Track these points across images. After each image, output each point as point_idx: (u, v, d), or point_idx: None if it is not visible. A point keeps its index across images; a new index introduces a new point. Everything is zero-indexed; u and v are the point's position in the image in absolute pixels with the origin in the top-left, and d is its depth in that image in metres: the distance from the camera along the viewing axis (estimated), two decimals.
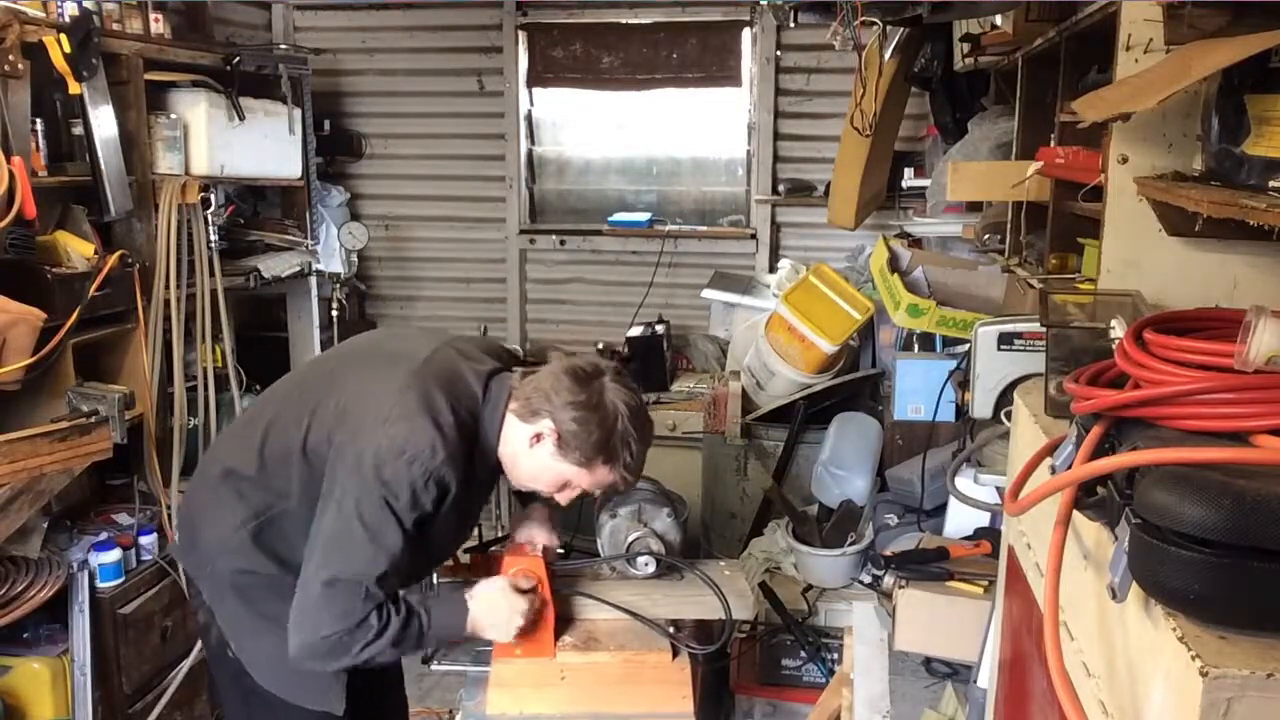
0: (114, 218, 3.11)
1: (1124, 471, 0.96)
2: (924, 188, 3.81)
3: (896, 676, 2.26)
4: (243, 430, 2.02)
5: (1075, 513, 1.04)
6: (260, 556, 1.89)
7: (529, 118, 4.97)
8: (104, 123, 3.04)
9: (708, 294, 4.43)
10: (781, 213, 4.75)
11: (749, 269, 4.70)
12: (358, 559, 1.74)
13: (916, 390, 3.11)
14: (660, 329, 4.37)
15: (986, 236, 2.93)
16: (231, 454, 1.97)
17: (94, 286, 2.88)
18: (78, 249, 2.94)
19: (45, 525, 2.90)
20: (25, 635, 2.89)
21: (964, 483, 1.97)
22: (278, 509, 1.88)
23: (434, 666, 2.67)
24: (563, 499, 1.96)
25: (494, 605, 1.90)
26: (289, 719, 1.95)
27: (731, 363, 4.15)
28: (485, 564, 2.19)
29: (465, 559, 2.24)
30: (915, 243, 3.81)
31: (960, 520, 2.57)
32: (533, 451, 1.86)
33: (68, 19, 2.92)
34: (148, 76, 3.26)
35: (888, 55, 3.30)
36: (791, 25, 2.54)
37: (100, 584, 2.94)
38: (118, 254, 3.02)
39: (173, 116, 3.39)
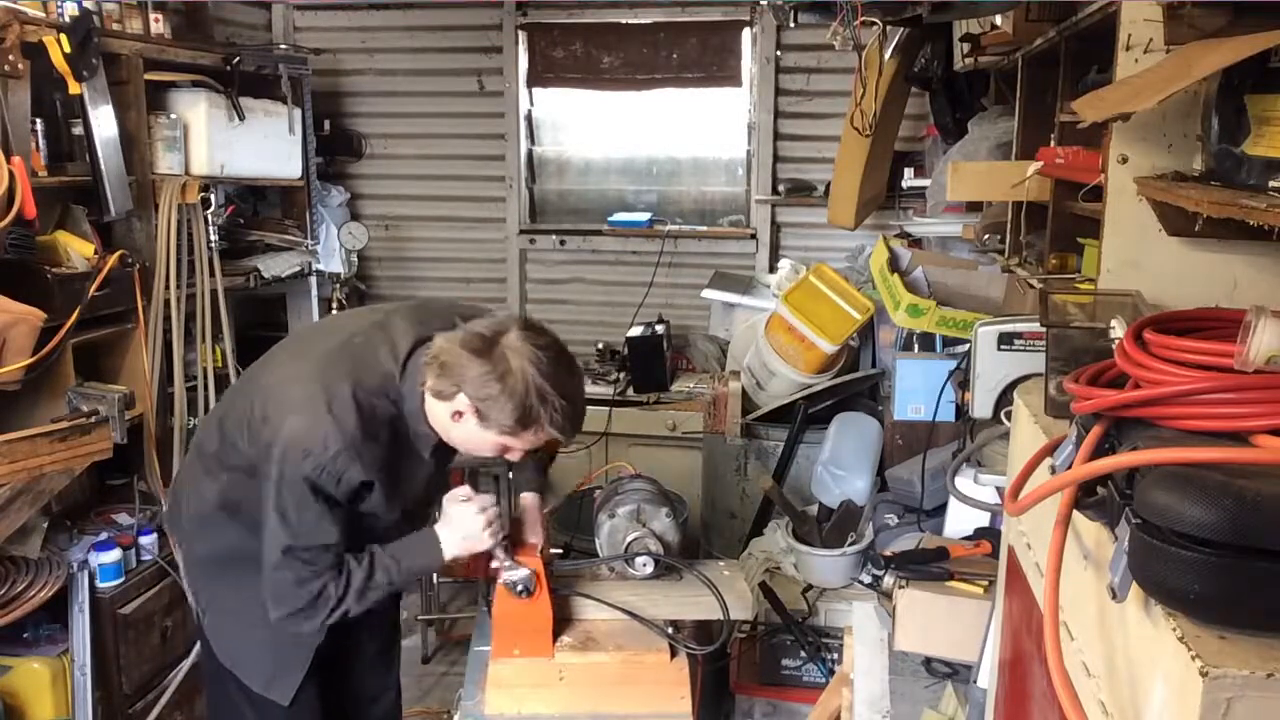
0: (114, 218, 3.11)
1: (1124, 471, 0.96)
2: (924, 188, 3.80)
3: (896, 676, 2.25)
4: (215, 410, 2.15)
5: (1075, 513, 1.04)
6: (234, 531, 1.94)
7: (529, 118, 4.96)
8: (104, 123, 3.04)
9: (708, 294, 4.43)
10: (781, 213, 4.74)
11: (749, 269, 4.70)
12: (293, 535, 1.80)
13: (916, 390, 3.11)
14: (660, 329, 4.36)
15: (986, 236, 2.92)
16: (204, 433, 2.09)
17: (94, 286, 2.88)
18: (78, 249, 2.94)
19: (45, 525, 2.90)
20: (25, 635, 2.89)
21: (964, 483, 1.97)
22: (240, 484, 1.93)
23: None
24: (512, 458, 1.96)
25: (463, 518, 1.92)
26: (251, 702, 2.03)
27: (731, 363, 4.14)
28: (484, 564, 2.19)
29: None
30: (915, 243, 3.81)
31: (960, 520, 2.56)
32: (459, 425, 1.86)
33: (68, 19, 2.92)
34: (148, 76, 3.27)
35: (888, 55, 3.30)
36: (791, 25, 2.54)
37: (100, 584, 2.94)
38: (118, 254, 3.02)
39: (173, 116, 3.39)
